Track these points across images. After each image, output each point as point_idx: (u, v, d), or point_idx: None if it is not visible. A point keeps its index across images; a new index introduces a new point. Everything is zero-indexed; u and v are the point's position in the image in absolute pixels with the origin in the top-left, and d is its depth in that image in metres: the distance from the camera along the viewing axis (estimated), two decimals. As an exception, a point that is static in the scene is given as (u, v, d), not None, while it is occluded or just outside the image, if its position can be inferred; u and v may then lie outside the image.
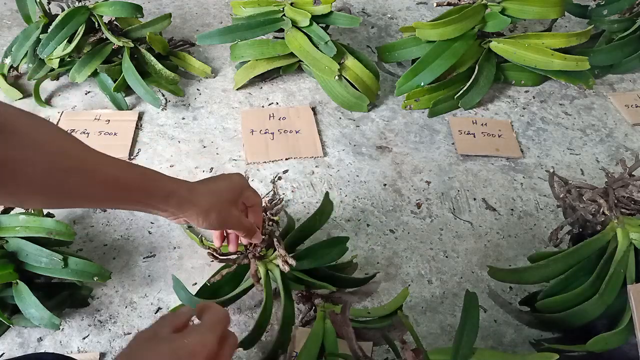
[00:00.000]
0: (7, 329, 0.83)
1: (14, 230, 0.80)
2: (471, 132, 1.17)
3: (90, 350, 0.81)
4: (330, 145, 1.13)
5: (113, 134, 1.12)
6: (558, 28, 1.48)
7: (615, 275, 0.76)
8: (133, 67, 1.17)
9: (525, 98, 1.28)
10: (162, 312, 0.86)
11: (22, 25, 1.25)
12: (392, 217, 1.01)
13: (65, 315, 0.85)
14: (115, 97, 1.19)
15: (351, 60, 1.20)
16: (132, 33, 1.22)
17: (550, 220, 1.01)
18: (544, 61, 1.21)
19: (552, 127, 1.21)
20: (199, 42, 1.23)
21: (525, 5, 1.19)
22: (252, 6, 1.25)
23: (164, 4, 1.55)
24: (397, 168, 1.10)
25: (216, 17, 1.51)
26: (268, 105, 1.23)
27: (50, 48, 1.14)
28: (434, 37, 1.19)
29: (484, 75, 1.22)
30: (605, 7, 1.32)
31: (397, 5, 1.57)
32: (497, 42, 1.23)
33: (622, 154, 1.15)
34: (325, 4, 1.20)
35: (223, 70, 1.32)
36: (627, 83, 1.34)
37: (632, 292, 0.71)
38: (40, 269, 0.80)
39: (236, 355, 0.81)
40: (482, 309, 0.88)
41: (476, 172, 1.10)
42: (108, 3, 1.18)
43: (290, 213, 0.99)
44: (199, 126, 1.17)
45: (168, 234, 0.96)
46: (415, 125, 1.19)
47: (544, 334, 0.85)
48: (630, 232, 0.79)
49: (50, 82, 1.25)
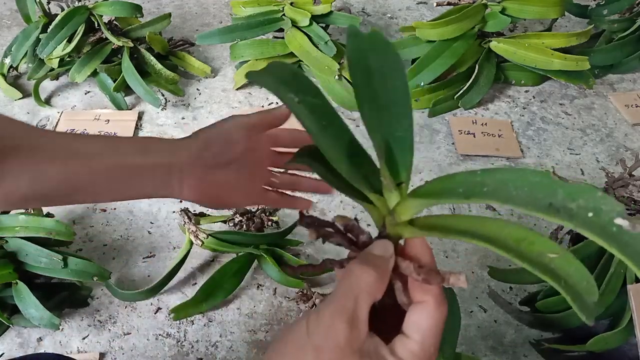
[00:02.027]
0: (6, 329, 0.83)
1: (14, 230, 0.80)
2: (471, 132, 1.17)
3: (90, 350, 0.81)
4: (330, 145, 1.13)
5: (113, 133, 1.12)
6: (558, 28, 1.48)
7: (615, 275, 0.76)
8: (133, 67, 1.17)
9: (525, 98, 1.28)
10: (162, 312, 0.86)
11: (21, 25, 1.25)
12: (392, 217, 1.01)
13: (65, 316, 0.85)
14: (114, 97, 1.19)
15: (351, 60, 1.20)
16: (132, 33, 1.22)
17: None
18: (544, 61, 1.21)
19: (552, 127, 1.21)
20: (198, 41, 1.23)
21: (525, 5, 1.19)
22: (252, 6, 1.25)
23: (164, 3, 1.55)
24: (397, 168, 1.09)
25: (216, 16, 1.50)
26: (268, 105, 1.23)
27: (49, 48, 1.14)
28: (434, 37, 1.19)
29: (484, 75, 1.22)
30: (605, 7, 1.32)
31: (397, 5, 1.57)
32: (497, 41, 1.23)
33: (622, 153, 1.15)
34: (325, 4, 1.20)
35: (223, 70, 1.32)
36: (627, 83, 1.34)
37: (632, 292, 0.71)
38: (40, 269, 0.80)
39: (235, 355, 0.81)
40: (482, 309, 0.88)
41: (476, 172, 1.10)
42: (108, 3, 1.18)
43: (290, 213, 0.99)
44: (199, 126, 1.15)
45: (168, 234, 0.96)
46: (415, 125, 1.19)
47: (544, 334, 0.85)
48: (630, 232, 0.79)
49: (49, 81, 1.25)
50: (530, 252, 0.27)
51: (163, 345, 0.82)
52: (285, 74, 0.35)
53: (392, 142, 0.33)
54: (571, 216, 0.24)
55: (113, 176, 0.45)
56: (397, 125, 0.33)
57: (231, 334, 0.84)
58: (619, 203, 0.24)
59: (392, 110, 0.33)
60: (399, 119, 0.33)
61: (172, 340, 0.83)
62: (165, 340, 0.83)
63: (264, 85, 0.34)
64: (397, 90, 0.33)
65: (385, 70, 0.33)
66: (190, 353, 0.81)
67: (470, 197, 0.26)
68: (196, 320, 0.85)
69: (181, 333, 0.83)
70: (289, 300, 0.88)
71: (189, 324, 0.84)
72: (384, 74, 0.33)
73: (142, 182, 0.46)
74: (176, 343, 0.82)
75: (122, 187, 0.46)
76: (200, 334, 0.83)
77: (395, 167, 0.33)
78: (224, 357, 0.81)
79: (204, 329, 0.84)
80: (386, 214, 0.32)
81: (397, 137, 0.33)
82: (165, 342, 0.82)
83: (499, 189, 0.27)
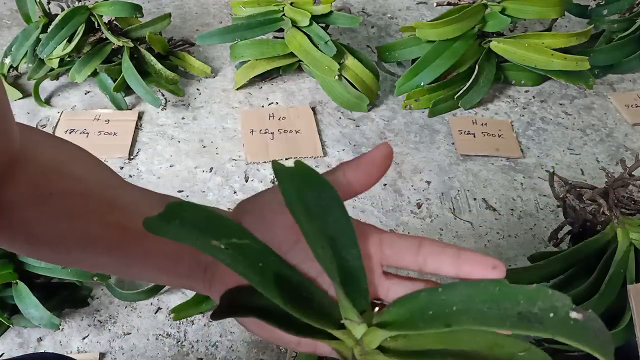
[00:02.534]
0: (6, 329, 0.83)
1: (14, 230, 0.80)
2: (471, 132, 1.17)
3: (90, 350, 0.81)
4: (330, 145, 1.13)
5: (113, 133, 1.12)
6: (558, 28, 1.48)
7: (615, 275, 0.76)
8: (133, 67, 1.17)
9: (525, 98, 1.28)
10: (162, 312, 0.86)
11: (21, 25, 1.25)
12: (392, 217, 1.01)
13: (65, 315, 0.85)
14: (115, 97, 1.19)
15: (351, 60, 1.20)
16: (132, 33, 1.22)
17: (550, 220, 1.01)
18: (544, 61, 1.21)
19: (552, 127, 1.21)
20: (198, 41, 1.23)
21: (525, 5, 1.19)
22: (252, 6, 1.25)
23: (164, 3, 1.55)
24: (397, 168, 1.10)
25: (216, 16, 1.50)
26: (268, 105, 1.23)
27: (50, 48, 1.14)
28: (434, 37, 1.19)
29: (484, 75, 1.22)
30: (605, 7, 1.32)
31: (397, 5, 1.57)
32: (497, 41, 1.23)
33: (622, 154, 1.15)
34: (325, 4, 1.20)
35: (223, 70, 1.32)
36: (627, 83, 1.34)
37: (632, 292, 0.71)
38: (40, 268, 0.80)
39: (235, 355, 0.81)
40: (482, 309, 0.88)
41: (476, 172, 1.10)
42: (108, 3, 1.18)
43: (290, 213, 0.99)
44: (199, 126, 1.17)
45: (168, 234, 0.96)
46: (415, 125, 1.19)
47: (544, 334, 0.85)
48: (630, 232, 0.79)
49: (49, 81, 1.25)
50: (502, 355, 0.29)
51: (163, 345, 0.82)
52: (197, 218, 0.31)
53: (346, 272, 0.32)
54: (542, 323, 0.25)
55: (147, 265, 0.39)
56: (347, 254, 0.32)
57: (231, 334, 0.84)
58: (566, 296, 0.25)
59: (338, 241, 0.32)
60: (347, 248, 0.32)
61: (172, 340, 0.83)
62: (165, 340, 0.83)
63: (175, 238, 0.30)
64: (338, 221, 0.32)
65: (322, 204, 0.32)
66: (190, 353, 0.81)
67: (450, 323, 0.26)
68: (196, 320, 0.85)
69: (181, 333, 0.83)
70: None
71: (189, 324, 0.85)
72: (322, 207, 0.32)
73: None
74: (176, 343, 0.82)
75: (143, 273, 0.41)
76: (200, 334, 0.83)
77: (353, 295, 0.31)
78: (224, 357, 0.81)
79: (204, 329, 0.84)
80: (353, 345, 0.31)
81: (349, 266, 0.32)
82: (165, 342, 0.82)
83: (469, 307, 0.27)
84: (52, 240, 0.39)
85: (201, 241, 0.30)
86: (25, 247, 0.42)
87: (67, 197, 0.38)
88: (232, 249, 0.30)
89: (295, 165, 0.33)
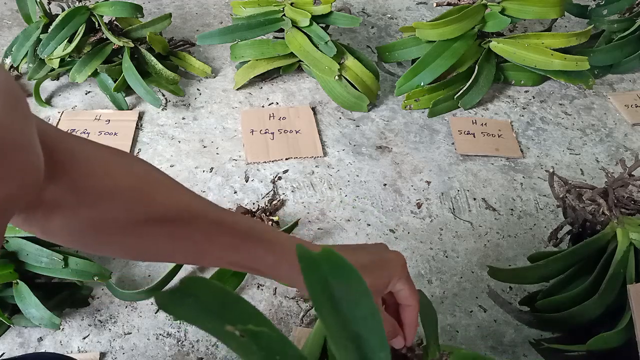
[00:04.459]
0: (7, 329, 0.83)
1: (14, 230, 0.80)
2: (471, 132, 1.17)
3: (91, 350, 0.81)
4: (330, 145, 1.13)
5: (113, 134, 1.12)
6: (558, 28, 1.48)
7: (615, 275, 0.76)
8: (133, 67, 1.17)
9: (525, 98, 1.28)
10: (162, 312, 0.86)
11: (22, 25, 1.25)
12: (392, 217, 1.01)
13: (66, 315, 0.85)
14: (115, 97, 1.19)
15: (351, 60, 1.20)
16: (133, 33, 1.22)
17: (550, 220, 1.01)
18: (544, 61, 1.21)
19: (552, 127, 1.21)
20: (199, 42, 1.24)
21: (525, 5, 1.19)
22: (252, 6, 1.25)
23: (164, 4, 1.55)
24: (397, 168, 1.10)
25: (216, 17, 1.51)
26: (268, 105, 1.23)
27: (50, 48, 1.15)
28: (433, 37, 1.19)
29: (483, 75, 1.22)
30: (605, 7, 1.32)
31: (397, 5, 1.57)
32: (497, 42, 1.23)
33: (622, 154, 1.15)
34: (325, 4, 1.20)
35: (223, 70, 1.32)
36: (627, 83, 1.34)
37: (632, 292, 0.71)
38: (41, 268, 0.81)
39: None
40: (482, 309, 0.88)
41: (476, 172, 1.10)
42: (108, 3, 1.18)
43: (290, 213, 0.99)
44: (199, 126, 1.17)
45: (168, 234, 0.96)
46: (415, 125, 1.20)
47: (544, 333, 0.85)
48: (630, 232, 0.79)
49: (50, 82, 1.25)
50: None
51: (163, 345, 0.82)
52: (213, 298, 0.29)
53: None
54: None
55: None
56: (374, 358, 0.29)
57: (231, 333, 0.84)
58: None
59: (365, 342, 0.29)
60: (374, 351, 0.29)
61: (173, 340, 0.83)
62: (165, 340, 0.83)
63: (186, 319, 0.28)
64: (367, 318, 0.30)
65: (351, 297, 0.30)
66: (190, 353, 0.81)
67: None
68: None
69: (181, 333, 0.84)
70: (289, 299, 0.88)
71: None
72: (349, 301, 0.30)
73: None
74: (176, 343, 0.82)
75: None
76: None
77: None
78: (224, 356, 0.81)
79: (204, 328, 0.84)
80: None
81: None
82: (165, 341, 0.83)
83: None
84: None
85: (213, 325, 0.27)
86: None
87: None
88: (247, 336, 0.27)
89: (323, 252, 0.30)
